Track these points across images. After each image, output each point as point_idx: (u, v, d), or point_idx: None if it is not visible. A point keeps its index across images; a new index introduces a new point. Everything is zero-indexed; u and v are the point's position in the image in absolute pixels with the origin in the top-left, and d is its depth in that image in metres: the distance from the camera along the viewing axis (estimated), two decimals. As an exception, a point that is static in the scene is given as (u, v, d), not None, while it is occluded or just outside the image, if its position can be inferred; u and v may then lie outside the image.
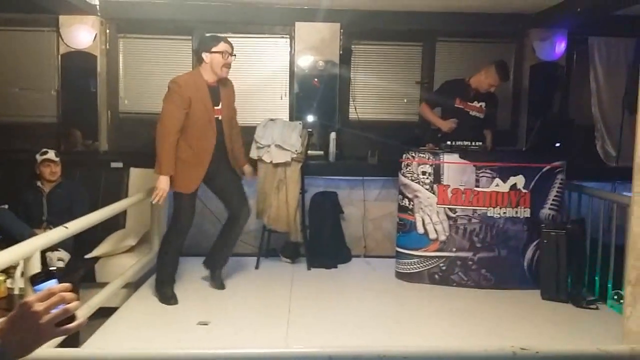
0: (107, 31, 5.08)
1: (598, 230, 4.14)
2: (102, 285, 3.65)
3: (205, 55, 3.72)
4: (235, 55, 3.81)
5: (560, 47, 5.11)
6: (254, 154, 4.63)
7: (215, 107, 3.77)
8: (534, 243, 4.14)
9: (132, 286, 4.08)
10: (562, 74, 5.17)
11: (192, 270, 4.61)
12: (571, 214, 4.46)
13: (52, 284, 1.17)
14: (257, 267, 4.64)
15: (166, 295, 3.80)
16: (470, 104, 4.55)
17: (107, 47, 5.10)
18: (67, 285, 1.17)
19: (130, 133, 5.18)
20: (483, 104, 4.56)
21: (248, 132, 4.70)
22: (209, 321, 3.47)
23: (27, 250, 2.53)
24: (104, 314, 3.50)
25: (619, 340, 3.21)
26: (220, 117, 3.81)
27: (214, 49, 3.70)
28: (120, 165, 4.91)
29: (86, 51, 4.96)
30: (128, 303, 3.82)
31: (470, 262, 4.18)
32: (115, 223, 4.46)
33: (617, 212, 3.98)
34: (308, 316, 3.61)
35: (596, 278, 4.02)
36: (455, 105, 4.54)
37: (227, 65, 3.75)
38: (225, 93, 3.87)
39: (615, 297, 3.75)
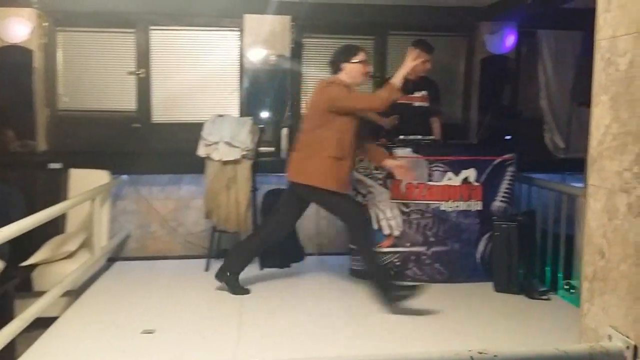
0: (44, 24, 4.79)
1: (547, 221, 4.17)
2: (40, 294, 3.43)
3: (344, 65, 3.69)
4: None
5: (510, 40, 5.12)
6: (201, 151, 4.46)
7: None
8: (486, 236, 4.14)
9: (73, 294, 3.87)
10: (511, 67, 5.18)
11: (136, 274, 4.45)
12: (521, 206, 4.48)
13: None
14: (206, 269, 4.47)
15: None
16: (411, 95, 4.52)
17: (45, 41, 4.82)
18: None
19: (70, 132, 4.93)
20: (424, 92, 4.55)
21: (195, 129, 4.55)
22: (154, 329, 3.30)
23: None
24: (42, 324, 3.31)
25: (573, 332, 3.23)
26: None
27: (353, 60, 3.70)
28: (59, 166, 4.66)
29: (22, 45, 4.67)
30: (68, 312, 3.62)
31: (424, 257, 4.14)
32: (54, 228, 4.24)
33: (567, 204, 4.00)
34: (261, 319, 3.49)
35: (547, 269, 4.04)
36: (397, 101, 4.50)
37: (367, 74, 3.79)
38: None
39: (567, 287, 3.77)
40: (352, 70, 3.67)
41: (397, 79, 3.58)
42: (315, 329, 3.34)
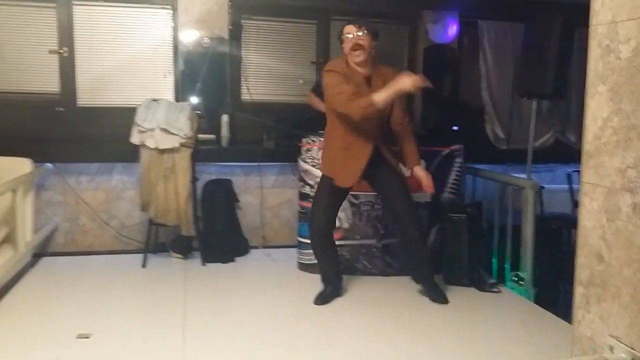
0: (-50, -6, 4.27)
1: (492, 212, 4.22)
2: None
3: (343, 47, 3.40)
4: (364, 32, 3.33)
5: (453, 29, 5.13)
6: (135, 139, 4.15)
7: None
8: (435, 228, 4.11)
9: (-5, 295, 3.50)
10: (454, 56, 5.20)
11: (66, 271, 4.10)
12: (467, 197, 4.51)
13: None
14: (144, 266, 4.19)
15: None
16: None
17: (-49, 13, 4.29)
18: None
19: (-16, 115, 4.45)
20: None
21: (127, 114, 4.22)
22: (90, 333, 3.02)
23: None
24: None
25: (527, 324, 3.27)
26: None
27: (342, 36, 3.38)
28: (-27, 153, 4.19)
29: None
30: (-9, 315, 3.26)
31: (375, 250, 4.07)
32: (-31, 221, 3.80)
33: (512, 195, 4.05)
34: (205, 318, 3.28)
35: (494, 260, 4.09)
36: None
37: (355, 47, 3.29)
38: (377, 84, 3.31)
39: (515, 279, 3.82)
40: (345, 47, 3.40)
41: (381, 97, 3.16)
42: (265, 329, 3.17)
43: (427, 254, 3.62)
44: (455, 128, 4.30)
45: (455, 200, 4.18)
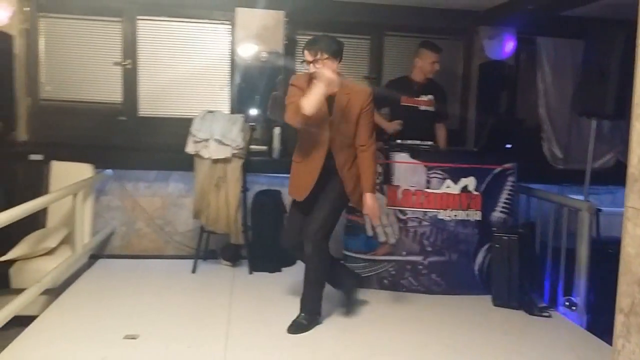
0: (26, 9, 4.56)
1: (546, 234, 4.09)
2: (18, 291, 3.27)
3: None
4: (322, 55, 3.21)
5: (509, 46, 5.04)
6: (190, 148, 4.28)
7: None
8: (485, 247, 4.03)
9: (53, 293, 3.68)
10: (510, 73, 5.10)
11: (120, 273, 4.26)
12: (520, 217, 4.39)
13: None
14: (193, 271, 4.30)
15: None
16: (417, 99, 4.41)
17: (26, 26, 4.58)
18: None
19: (53, 123, 4.72)
20: (431, 96, 4.43)
21: (184, 125, 4.36)
22: (137, 334, 3.12)
23: None
24: (20, 323, 3.15)
25: (576, 352, 3.15)
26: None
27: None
28: (40, 157, 4.46)
29: (1, 30, 4.42)
30: (47, 312, 3.43)
31: (421, 267, 4.02)
32: (34, 222, 4.07)
33: (567, 217, 3.91)
34: (249, 326, 3.33)
35: (546, 283, 3.95)
36: (402, 104, 4.38)
37: (312, 74, 3.19)
38: (340, 103, 3.26)
39: (567, 303, 3.68)
40: None
41: (307, 101, 3.05)
42: (307, 341, 3.18)
43: (316, 276, 3.38)
44: (508, 146, 4.20)
45: (507, 219, 4.07)
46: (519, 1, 4.46)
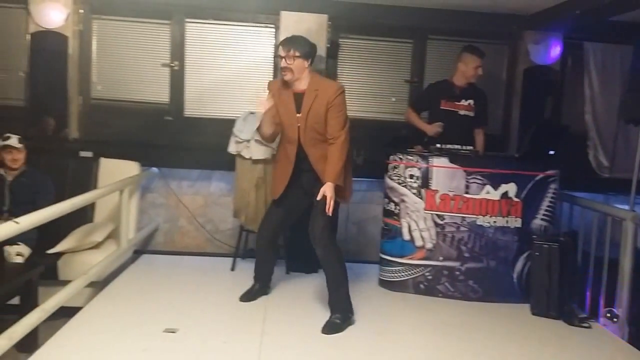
0: (80, 11, 4.75)
1: (589, 243, 4.00)
2: (65, 283, 3.41)
3: None
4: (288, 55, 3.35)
5: (555, 51, 4.95)
6: (232, 148, 4.38)
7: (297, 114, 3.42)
8: (524, 255, 3.96)
9: (98, 285, 3.83)
10: (556, 78, 5.00)
11: (162, 268, 4.39)
12: (562, 226, 4.30)
13: None
14: (232, 269, 4.39)
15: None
16: (457, 103, 4.39)
17: (80, 28, 4.77)
18: None
19: (102, 121, 4.89)
20: (471, 101, 4.40)
21: (227, 125, 4.46)
22: (176, 328, 3.22)
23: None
24: (66, 313, 3.28)
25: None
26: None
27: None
28: (90, 154, 4.64)
29: (57, 31, 4.63)
30: (92, 304, 3.56)
31: (458, 273, 3.99)
32: (82, 216, 4.20)
33: (611, 226, 3.82)
34: (284, 325, 3.38)
35: (587, 294, 3.87)
36: (442, 108, 4.37)
37: (282, 69, 3.37)
38: (308, 100, 3.40)
39: (608, 314, 3.60)
40: None
41: (262, 125, 3.46)
42: (341, 342, 3.21)
43: (336, 275, 3.47)
44: (551, 152, 4.13)
45: (547, 227, 4.00)
46: (566, 6, 4.38)
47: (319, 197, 3.27)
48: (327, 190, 3.24)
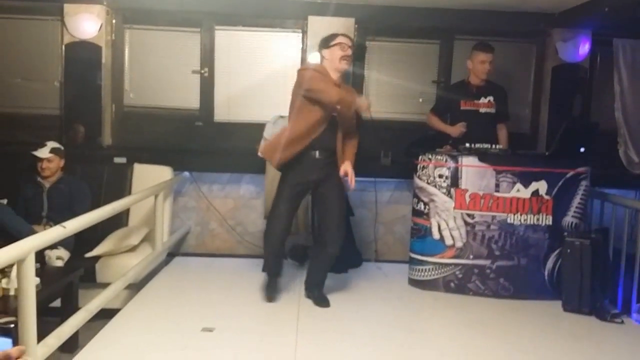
0: (113, 21, 4.89)
1: (620, 239, 3.97)
2: (103, 285, 3.51)
3: (324, 52, 3.67)
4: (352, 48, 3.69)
5: (584, 48, 4.91)
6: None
7: None
8: (555, 252, 3.95)
9: (135, 287, 3.93)
10: (585, 76, 4.97)
11: (195, 270, 4.48)
12: (593, 223, 4.27)
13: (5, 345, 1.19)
14: (263, 270, 4.43)
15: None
16: (477, 101, 4.41)
17: (113, 37, 4.91)
18: (19, 348, 1.20)
19: (135, 128, 5.02)
20: (490, 98, 4.42)
21: (256, 129, 4.54)
22: (213, 327, 3.29)
23: (21, 252, 2.35)
24: (105, 315, 3.37)
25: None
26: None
27: (332, 43, 3.63)
28: (124, 160, 4.76)
29: (91, 41, 4.77)
30: (130, 305, 3.66)
31: (488, 271, 3.99)
32: (117, 221, 4.30)
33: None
34: (317, 323, 3.44)
35: (619, 290, 3.84)
36: (462, 108, 4.39)
37: (346, 58, 3.61)
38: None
39: (642, 311, 3.57)
40: (330, 55, 3.62)
41: (337, 97, 3.52)
42: (374, 339, 3.25)
43: (328, 264, 3.80)
44: (582, 150, 4.11)
45: (579, 224, 3.98)
46: (594, 3, 4.35)
47: (341, 173, 3.63)
48: (347, 167, 3.62)
